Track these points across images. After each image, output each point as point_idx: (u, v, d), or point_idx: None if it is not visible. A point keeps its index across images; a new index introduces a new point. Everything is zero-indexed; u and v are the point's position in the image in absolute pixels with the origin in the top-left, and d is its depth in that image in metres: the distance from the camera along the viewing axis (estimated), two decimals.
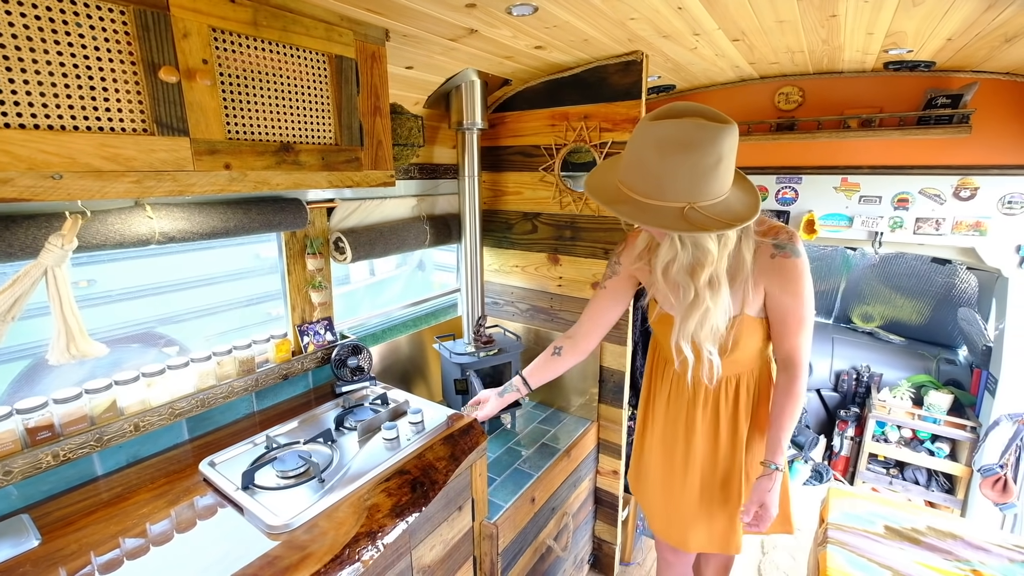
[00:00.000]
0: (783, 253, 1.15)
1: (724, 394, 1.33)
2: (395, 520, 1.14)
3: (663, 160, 0.99)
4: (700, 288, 1.12)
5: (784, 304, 1.18)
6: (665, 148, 0.99)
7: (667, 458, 1.46)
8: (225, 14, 0.98)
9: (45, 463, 1.14)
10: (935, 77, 2.12)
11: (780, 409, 1.25)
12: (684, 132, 0.97)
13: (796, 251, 1.15)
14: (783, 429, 1.24)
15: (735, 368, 1.31)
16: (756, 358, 1.31)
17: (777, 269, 1.15)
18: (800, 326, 1.20)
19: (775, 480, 1.25)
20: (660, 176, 1.01)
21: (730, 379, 1.33)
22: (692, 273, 1.12)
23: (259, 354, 1.58)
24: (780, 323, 1.21)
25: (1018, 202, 2.09)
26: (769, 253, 1.16)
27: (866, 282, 3.53)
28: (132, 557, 1.01)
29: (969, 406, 2.69)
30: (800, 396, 1.24)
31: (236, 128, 1.05)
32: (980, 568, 1.49)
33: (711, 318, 1.15)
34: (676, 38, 1.60)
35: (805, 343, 1.22)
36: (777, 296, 1.18)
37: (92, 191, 0.85)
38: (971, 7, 1.30)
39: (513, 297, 2.29)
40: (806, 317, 1.19)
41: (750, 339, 1.24)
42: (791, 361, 1.23)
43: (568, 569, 2.07)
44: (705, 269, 1.11)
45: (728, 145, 0.99)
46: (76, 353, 0.99)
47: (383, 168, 1.39)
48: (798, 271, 1.15)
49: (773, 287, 1.17)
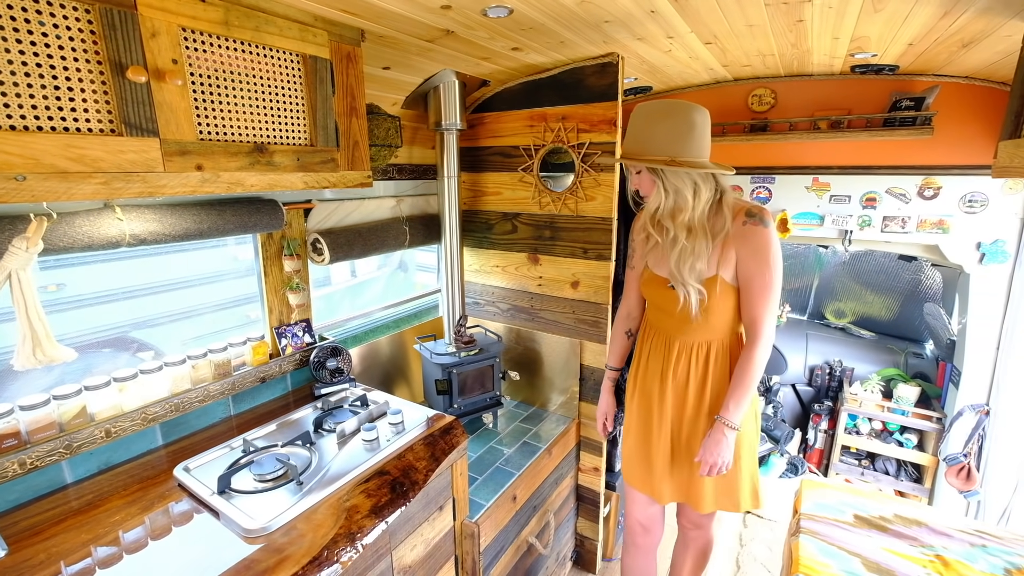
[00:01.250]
0: (753, 221, 1.32)
1: (696, 356, 1.45)
2: (375, 521, 1.14)
3: (649, 123, 1.30)
4: (679, 228, 1.34)
5: (751, 269, 1.33)
6: (650, 115, 1.31)
7: (645, 413, 1.57)
8: (195, 14, 0.97)
9: (11, 471, 1.11)
10: (899, 80, 2.20)
11: (739, 370, 1.38)
12: (664, 105, 1.30)
13: (765, 222, 1.32)
14: (737, 388, 1.37)
15: (708, 334, 1.43)
16: (728, 327, 1.43)
17: (748, 235, 1.32)
18: (764, 293, 1.33)
19: (724, 434, 1.37)
20: (648, 135, 1.30)
21: (702, 344, 1.44)
22: (673, 217, 1.35)
23: (235, 357, 1.56)
24: (746, 288, 1.35)
25: (978, 201, 2.18)
26: (742, 220, 1.33)
27: (838, 279, 3.63)
28: (104, 566, 0.99)
29: (935, 398, 2.79)
30: (758, 360, 1.36)
31: (208, 129, 1.04)
32: (943, 552, 1.55)
33: (688, 256, 1.34)
34: (650, 41, 1.63)
35: (769, 311, 1.35)
36: (745, 261, 1.33)
37: (58, 193, 0.84)
38: (928, 13, 1.35)
39: (494, 297, 2.30)
40: (770, 286, 1.32)
41: (723, 302, 1.37)
42: (754, 327, 1.36)
43: (551, 566, 2.09)
44: (684, 213, 1.33)
45: (699, 118, 1.29)
46: (43, 358, 0.97)
47: (360, 169, 1.39)
48: (766, 239, 1.31)
49: (743, 251, 1.33)
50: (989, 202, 2.16)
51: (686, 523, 1.72)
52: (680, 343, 1.46)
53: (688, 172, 1.30)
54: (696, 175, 1.31)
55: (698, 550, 1.74)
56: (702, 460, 1.40)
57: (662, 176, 1.32)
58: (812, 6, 1.34)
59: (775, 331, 1.38)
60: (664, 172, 1.31)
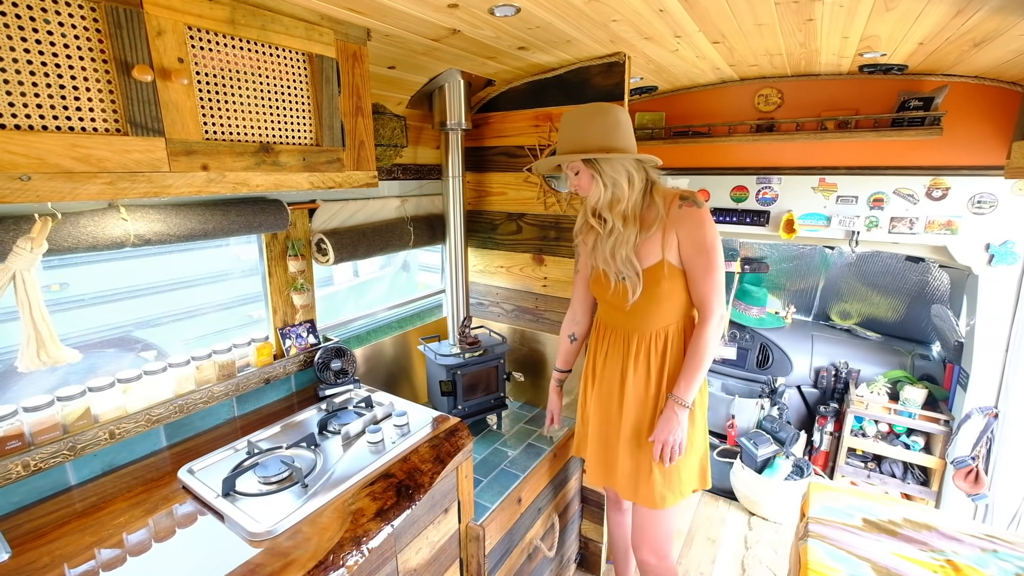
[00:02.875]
0: (687, 203, 1.38)
1: (654, 347, 1.47)
2: (380, 524, 1.13)
3: (580, 124, 1.40)
4: (615, 217, 1.40)
5: (691, 250, 1.38)
6: (580, 117, 1.40)
7: (604, 411, 1.59)
8: (201, 12, 0.96)
9: (15, 473, 1.11)
10: (908, 80, 2.18)
11: (691, 349, 1.42)
12: (590, 107, 1.41)
13: (699, 203, 1.38)
14: (689, 366, 1.41)
15: (663, 320, 1.45)
16: (681, 311, 1.46)
17: (684, 217, 1.37)
18: (708, 271, 1.38)
19: (675, 412, 1.40)
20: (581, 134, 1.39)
21: (658, 332, 1.46)
22: (611, 207, 1.41)
23: (240, 358, 1.55)
24: (691, 269, 1.40)
25: (987, 202, 2.16)
26: (677, 204, 1.39)
27: (843, 280, 3.60)
28: (108, 568, 0.98)
29: (942, 400, 2.76)
30: (709, 338, 1.40)
31: (214, 128, 1.03)
32: (954, 558, 1.53)
33: (621, 244, 1.40)
34: (658, 40, 1.62)
35: (716, 289, 1.39)
36: (685, 242, 1.38)
37: (63, 193, 0.83)
38: (941, 12, 1.33)
39: (498, 298, 2.29)
40: (713, 264, 1.38)
41: (673, 285, 1.41)
42: (704, 306, 1.40)
43: (555, 569, 2.08)
44: (621, 203, 1.39)
45: (623, 116, 1.39)
46: (47, 359, 0.96)
47: (365, 169, 1.38)
48: (701, 218, 1.37)
49: (682, 233, 1.38)
50: (998, 203, 2.14)
51: (647, 556, 1.62)
52: (638, 336, 1.48)
53: (622, 162, 1.37)
54: (629, 165, 1.38)
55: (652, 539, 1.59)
56: (655, 439, 1.43)
57: (599, 169, 1.37)
58: (823, 5, 1.33)
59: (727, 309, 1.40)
60: (601, 165, 1.37)
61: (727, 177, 2.69)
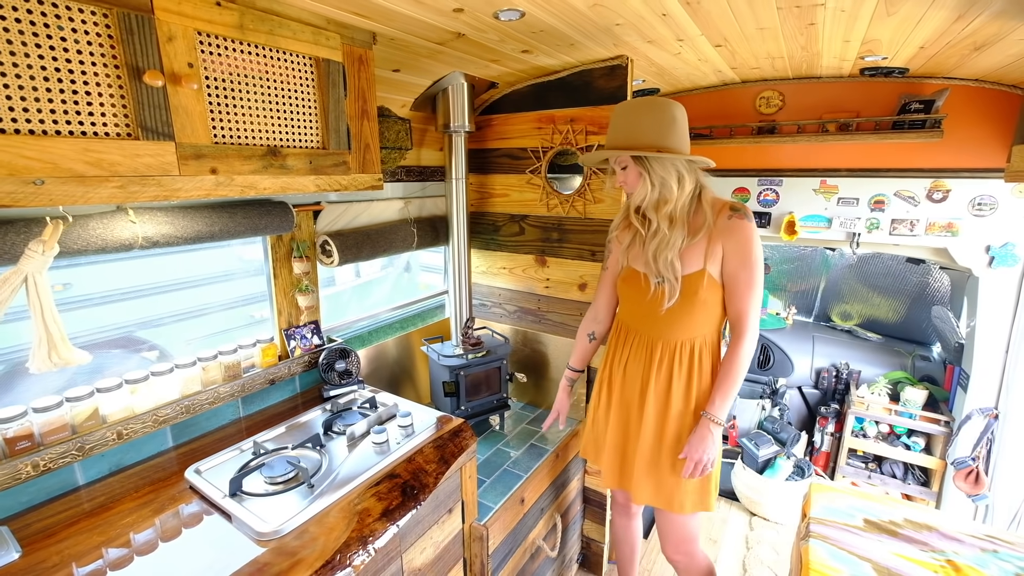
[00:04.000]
0: (738, 215, 1.35)
1: (679, 358, 1.43)
2: (386, 524, 1.14)
3: (633, 117, 1.34)
4: (661, 219, 1.36)
5: (736, 264, 1.35)
6: (633, 110, 1.35)
7: (623, 418, 1.56)
8: (211, 17, 0.97)
9: (25, 474, 1.12)
10: (909, 83, 2.19)
11: (725, 366, 1.39)
12: (646, 100, 1.35)
13: (748, 216, 1.35)
14: (723, 384, 1.38)
15: (692, 332, 1.42)
16: (713, 325, 1.43)
17: (734, 229, 1.34)
18: (748, 287, 1.35)
19: (710, 430, 1.38)
20: (633, 128, 1.34)
21: (685, 343, 1.43)
22: (657, 208, 1.37)
23: (245, 359, 1.57)
24: (732, 283, 1.36)
25: (987, 204, 2.17)
26: (727, 215, 1.35)
27: (844, 282, 3.62)
28: (116, 568, 0.99)
29: (943, 401, 2.77)
30: (744, 356, 1.37)
31: (222, 132, 1.04)
32: (954, 558, 1.54)
33: (664, 247, 1.36)
34: (660, 43, 1.63)
35: (754, 306, 1.36)
36: (731, 255, 1.35)
37: (75, 196, 0.84)
38: (942, 17, 1.34)
39: (501, 299, 2.30)
40: (754, 280, 1.34)
41: (711, 296, 1.38)
42: (740, 322, 1.37)
43: (557, 569, 2.09)
44: (668, 204, 1.35)
45: (679, 114, 1.33)
46: (58, 361, 0.97)
47: (371, 171, 1.39)
48: (748, 233, 1.34)
49: (728, 245, 1.35)
50: (999, 205, 2.15)
51: (673, 555, 1.63)
52: (663, 344, 1.44)
53: (674, 162, 1.32)
54: (681, 166, 1.33)
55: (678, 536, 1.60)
56: (687, 456, 1.40)
57: (648, 167, 1.33)
58: (825, 10, 1.34)
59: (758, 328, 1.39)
60: (651, 163, 1.33)
61: (728, 179, 2.70)
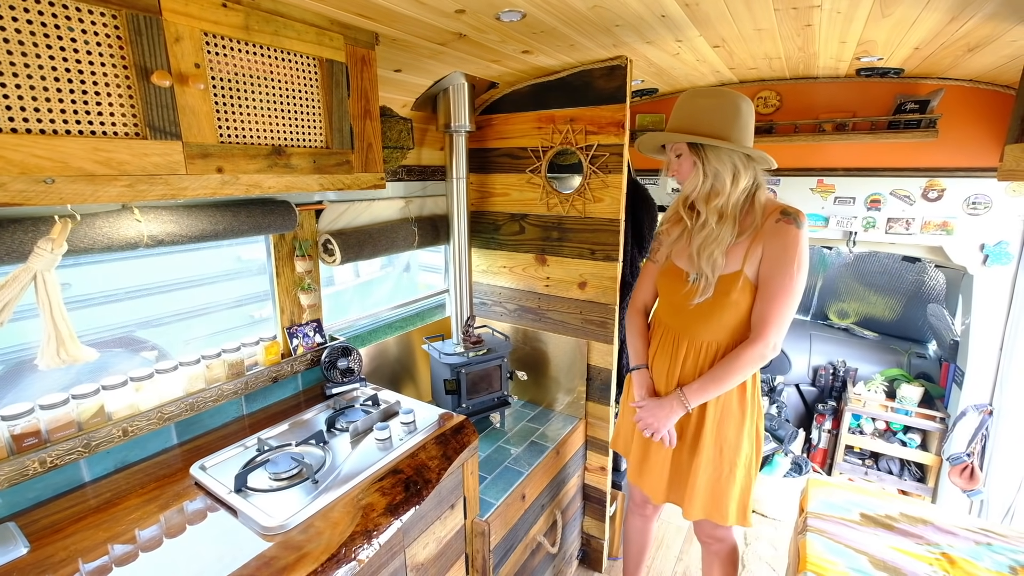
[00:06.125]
0: (787, 219, 1.28)
1: (703, 357, 1.41)
2: (390, 519, 1.16)
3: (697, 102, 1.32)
4: (711, 213, 1.32)
5: (773, 267, 1.28)
6: (698, 95, 1.33)
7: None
8: (217, 18, 0.99)
9: (32, 470, 1.13)
10: (904, 83, 2.21)
11: (724, 360, 1.35)
12: (713, 88, 1.42)
13: (800, 223, 1.28)
14: (714, 377, 1.35)
15: (717, 334, 1.38)
16: (739, 329, 1.37)
17: (779, 232, 1.28)
18: (780, 294, 1.28)
19: (672, 407, 1.40)
20: (695, 113, 1.31)
21: (710, 344, 1.40)
22: (707, 200, 1.33)
23: (248, 357, 1.58)
24: (764, 285, 1.30)
25: (982, 203, 2.19)
26: (775, 218, 1.30)
27: (841, 280, 3.65)
28: (122, 563, 1.00)
29: (938, 398, 2.80)
30: (749, 358, 1.31)
31: (228, 132, 1.05)
32: (948, 551, 1.56)
33: (711, 242, 1.32)
34: (659, 44, 1.65)
35: (779, 315, 1.28)
36: (770, 258, 1.29)
37: (84, 195, 0.85)
38: (936, 19, 1.37)
39: (501, 298, 2.32)
40: (789, 288, 1.27)
41: (742, 298, 1.32)
42: (761, 325, 1.30)
43: (557, 564, 2.11)
44: (719, 198, 1.30)
45: (746, 106, 1.30)
46: (67, 357, 0.99)
47: (373, 170, 1.40)
48: (795, 239, 1.26)
49: (770, 248, 1.29)
50: (993, 204, 2.17)
51: (703, 536, 1.66)
52: (688, 341, 1.42)
53: (730, 155, 1.27)
54: (738, 160, 1.28)
55: (723, 560, 1.67)
56: (641, 410, 1.44)
57: (704, 157, 1.29)
58: (821, 11, 1.36)
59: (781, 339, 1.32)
60: (707, 152, 1.28)
61: None
